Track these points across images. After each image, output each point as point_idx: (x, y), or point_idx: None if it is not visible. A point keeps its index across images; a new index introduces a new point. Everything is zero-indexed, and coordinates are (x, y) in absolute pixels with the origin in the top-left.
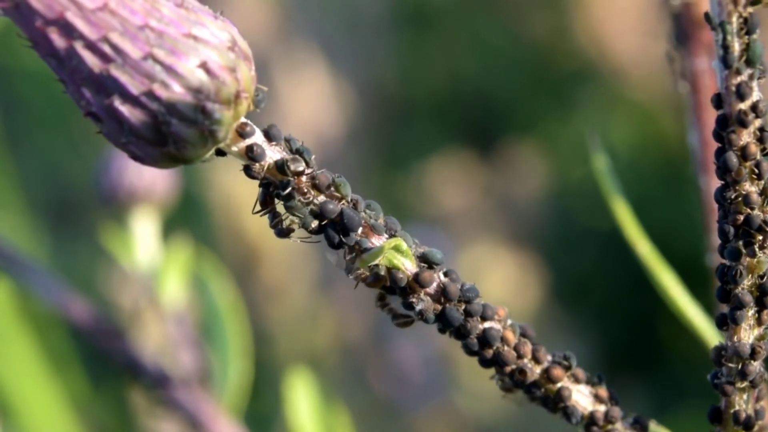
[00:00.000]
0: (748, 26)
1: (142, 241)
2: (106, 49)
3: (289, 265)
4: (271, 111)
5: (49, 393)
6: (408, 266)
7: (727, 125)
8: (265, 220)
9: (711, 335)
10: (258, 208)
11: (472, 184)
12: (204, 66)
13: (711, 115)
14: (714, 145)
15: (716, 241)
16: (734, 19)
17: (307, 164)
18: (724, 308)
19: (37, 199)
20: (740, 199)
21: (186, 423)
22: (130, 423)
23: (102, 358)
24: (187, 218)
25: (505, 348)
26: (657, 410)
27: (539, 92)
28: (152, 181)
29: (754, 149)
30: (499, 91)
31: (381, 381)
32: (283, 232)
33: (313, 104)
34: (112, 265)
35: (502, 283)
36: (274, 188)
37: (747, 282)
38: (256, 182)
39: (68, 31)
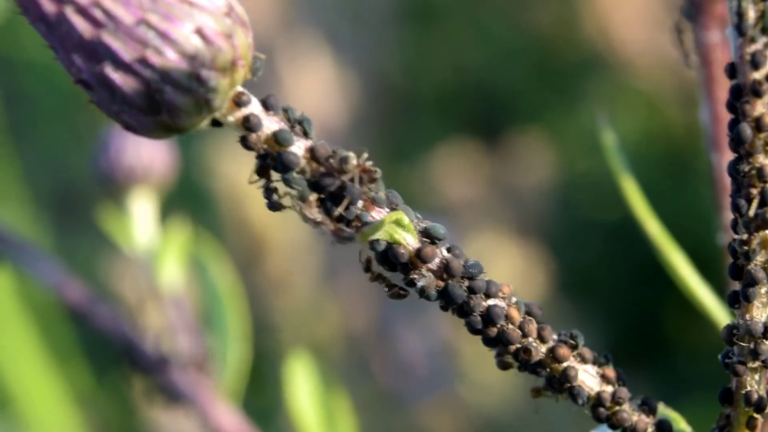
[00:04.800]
0: None
1: (141, 222)
2: (98, 14)
3: (294, 256)
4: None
5: (51, 385)
6: (410, 241)
7: (740, 95)
8: (270, 211)
9: (721, 317)
10: (254, 178)
11: (477, 176)
12: (199, 32)
13: (722, 90)
14: (725, 120)
15: (728, 218)
16: None
17: (307, 135)
18: (736, 286)
19: (40, 191)
20: (754, 172)
21: (184, 408)
22: (132, 415)
23: (104, 350)
24: (191, 209)
25: (510, 326)
26: (661, 401)
27: (544, 83)
28: (150, 161)
29: None
30: (503, 82)
31: (385, 372)
32: (275, 206)
33: (317, 94)
34: (115, 256)
35: (508, 274)
36: (272, 159)
37: (760, 258)
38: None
39: None
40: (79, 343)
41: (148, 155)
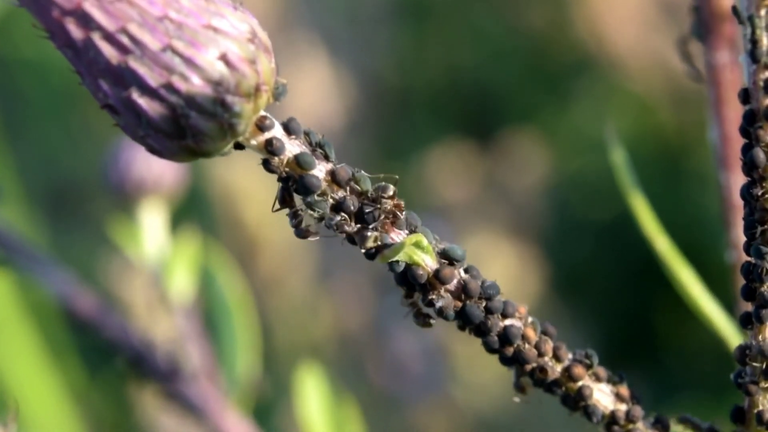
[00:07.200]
0: None
1: (150, 233)
2: (125, 40)
3: (288, 257)
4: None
5: (46, 382)
6: (428, 263)
7: (754, 121)
8: (264, 210)
9: (725, 325)
10: (277, 206)
11: (470, 175)
12: (224, 58)
13: (731, 110)
14: (734, 140)
15: (737, 237)
16: (763, 12)
17: (327, 158)
18: (749, 307)
19: (34, 190)
20: (767, 196)
21: (193, 417)
22: (127, 413)
23: (100, 349)
24: (187, 210)
25: (526, 346)
26: (653, 402)
27: (537, 83)
28: (161, 172)
29: None
30: (497, 82)
31: (380, 373)
32: (303, 233)
33: (313, 95)
34: (111, 256)
35: (501, 274)
36: (293, 182)
37: None
38: (256, 174)
39: (86, 21)
40: (74, 341)
41: (158, 167)
